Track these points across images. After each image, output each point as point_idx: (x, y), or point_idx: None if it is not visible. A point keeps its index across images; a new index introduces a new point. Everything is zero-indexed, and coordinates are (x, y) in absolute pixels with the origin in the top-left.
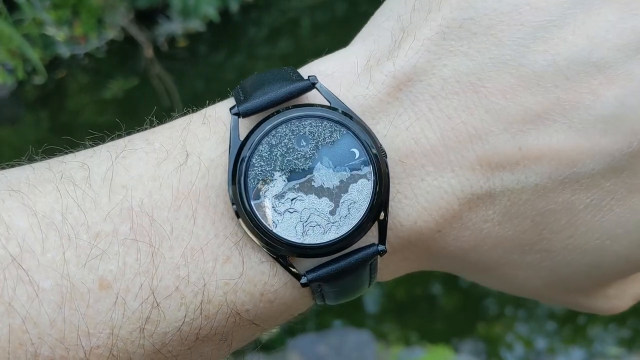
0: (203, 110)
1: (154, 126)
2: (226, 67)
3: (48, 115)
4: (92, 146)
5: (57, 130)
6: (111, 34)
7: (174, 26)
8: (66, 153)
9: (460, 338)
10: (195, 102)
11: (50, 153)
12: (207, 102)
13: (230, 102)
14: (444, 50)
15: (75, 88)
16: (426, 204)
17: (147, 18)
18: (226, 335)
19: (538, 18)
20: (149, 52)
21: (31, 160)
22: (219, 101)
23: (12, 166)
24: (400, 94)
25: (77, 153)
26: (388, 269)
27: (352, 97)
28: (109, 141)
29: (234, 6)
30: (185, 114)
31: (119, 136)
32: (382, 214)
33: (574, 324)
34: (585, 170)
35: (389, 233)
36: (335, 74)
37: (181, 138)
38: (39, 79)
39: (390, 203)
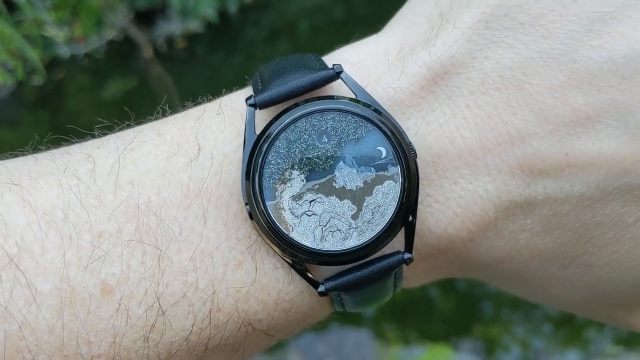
0: (219, 100)
1: (167, 116)
2: (225, 68)
3: (47, 116)
4: (100, 136)
5: (57, 131)
6: (111, 34)
7: (172, 27)
8: (72, 143)
9: (459, 337)
10: (194, 103)
11: (56, 143)
12: (224, 90)
13: (249, 91)
14: (487, 40)
15: (75, 89)
16: (458, 210)
17: (146, 19)
18: (237, 346)
19: (595, 8)
20: (148, 52)
21: (36, 150)
22: (229, 92)
23: (16, 156)
24: (435, 87)
25: (83, 143)
26: (415, 277)
27: (382, 90)
28: (117, 131)
29: (233, 7)
30: (199, 103)
31: (129, 126)
32: (410, 218)
33: (570, 326)
34: (638, 182)
35: (416, 240)
36: (364, 63)
37: (194, 130)
38: (38, 80)
39: (419, 207)
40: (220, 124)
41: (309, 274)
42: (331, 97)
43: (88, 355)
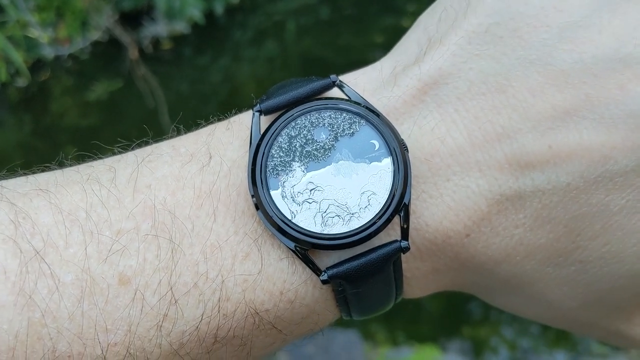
0: (228, 119)
1: (181, 134)
2: (211, 70)
3: (31, 117)
4: (120, 152)
5: (41, 133)
6: (95, 35)
7: (158, 28)
8: (94, 159)
9: (447, 338)
10: (180, 104)
11: (80, 159)
12: (234, 110)
13: None
14: (470, 54)
15: (59, 90)
16: (452, 204)
17: (131, 20)
18: (245, 339)
19: (564, 19)
20: (133, 53)
21: (61, 165)
22: (215, 119)
23: (43, 171)
24: (425, 96)
25: (105, 159)
26: (418, 281)
27: (376, 100)
28: (135, 147)
29: (219, 9)
30: (211, 122)
31: (146, 143)
32: (403, 212)
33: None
34: (618, 168)
35: (414, 233)
36: (358, 80)
37: (205, 143)
38: (22, 81)
39: (415, 202)
40: (229, 137)
41: (311, 263)
42: (328, 98)
43: (105, 342)
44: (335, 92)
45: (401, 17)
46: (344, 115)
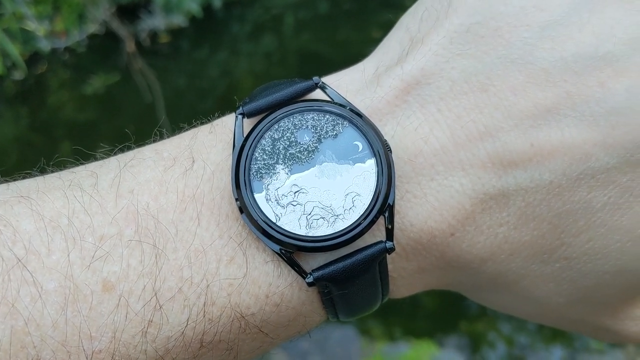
0: (211, 122)
1: (164, 138)
2: (209, 64)
3: (28, 111)
4: (103, 158)
5: (37, 127)
6: (92, 27)
7: (156, 21)
8: (77, 165)
9: (444, 333)
10: (177, 98)
11: (61, 165)
12: (216, 114)
13: None
14: (452, 53)
15: (56, 83)
16: (436, 203)
17: (129, 12)
18: (232, 344)
19: (544, 18)
20: (130, 46)
21: (43, 172)
22: (210, 117)
23: (24, 177)
24: (408, 96)
25: (87, 164)
26: (404, 281)
27: (359, 101)
28: (118, 152)
29: (217, 2)
30: (194, 126)
31: (128, 147)
32: (387, 213)
33: None
34: (600, 165)
35: (399, 234)
36: (341, 81)
37: (188, 146)
38: (18, 74)
39: (399, 202)
40: (212, 140)
41: (296, 266)
42: (310, 100)
43: (89, 350)
44: (318, 94)
45: (400, 13)
46: (327, 116)
